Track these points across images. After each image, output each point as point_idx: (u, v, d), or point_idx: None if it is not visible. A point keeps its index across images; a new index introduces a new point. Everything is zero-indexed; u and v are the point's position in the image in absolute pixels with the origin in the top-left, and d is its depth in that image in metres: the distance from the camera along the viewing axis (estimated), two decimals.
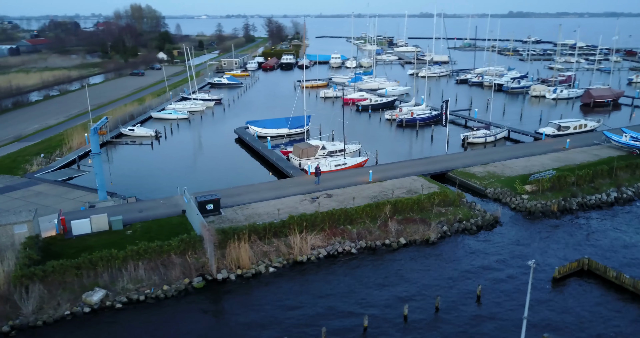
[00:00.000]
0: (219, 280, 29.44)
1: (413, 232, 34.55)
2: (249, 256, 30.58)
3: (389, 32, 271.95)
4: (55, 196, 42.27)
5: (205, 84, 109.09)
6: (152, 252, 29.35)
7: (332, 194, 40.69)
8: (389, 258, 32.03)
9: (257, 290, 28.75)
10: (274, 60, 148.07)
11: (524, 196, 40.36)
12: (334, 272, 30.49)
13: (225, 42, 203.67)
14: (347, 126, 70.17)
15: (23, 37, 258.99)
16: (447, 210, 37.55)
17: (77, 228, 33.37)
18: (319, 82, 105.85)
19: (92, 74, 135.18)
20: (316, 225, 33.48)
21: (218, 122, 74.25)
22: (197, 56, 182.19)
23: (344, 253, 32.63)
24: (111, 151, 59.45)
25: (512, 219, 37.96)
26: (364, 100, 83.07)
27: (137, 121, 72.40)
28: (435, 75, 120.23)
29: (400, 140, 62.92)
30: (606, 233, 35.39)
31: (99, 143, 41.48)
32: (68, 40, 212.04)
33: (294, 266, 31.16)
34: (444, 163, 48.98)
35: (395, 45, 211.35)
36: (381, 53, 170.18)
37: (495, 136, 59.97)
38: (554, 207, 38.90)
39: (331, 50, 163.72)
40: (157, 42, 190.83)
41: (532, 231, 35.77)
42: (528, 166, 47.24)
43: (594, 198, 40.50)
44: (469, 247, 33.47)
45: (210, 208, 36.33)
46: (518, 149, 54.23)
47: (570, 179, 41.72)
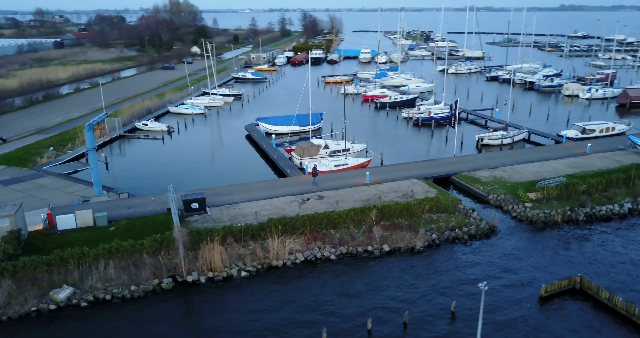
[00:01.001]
0: (189, 282, 29.02)
1: (399, 239, 33.02)
2: (222, 259, 30.02)
3: (431, 27, 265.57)
4: (55, 190, 43.17)
5: (230, 79, 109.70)
6: (124, 251, 29.25)
7: (324, 195, 39.60)
8: (368, 267, 30.68)
9: (224, 294, 28.13)
10: (303, 55, 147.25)
11: (527, 205, 37.93)
12: (307, 279, 29.47)
13: (259, 37, 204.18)
14: (361, 125, 68.92)
15: (71, 30, 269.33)
16: (439, 217, 35.73)
17: (62, 223, 33.78)
18: (343, 78, 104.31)
19: (125, 67, 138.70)
20: (296, 228, 32.55)
21: (233, 118, 74.26)
22: (230, 50, 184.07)
23: (322, 259, 31.53)
24: (123, 145, 60.46)
25: (510, 229, 35.73)
26: (383, 97, 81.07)
27: (154, 115, 73.47)
28: (465, 72, 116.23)
29: (412, 140, 60.84)
30: (610, 248, 32.64)
31: (111, 137, 41.91)
32: (109, 34, 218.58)
33: (268, 271, 30.35)
34: (450, 166, 46.86)
35: (432, 40, 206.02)
36: (414, 48, 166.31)
37: (513, 138, 56.98)
38: (557, 217, 36.34)
39: (366, 45, 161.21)
40: (192, 36, 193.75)
41: (529, 243, 33.49)
42: (539, 172, 44.49)
43: (604, 208, 37.57)
44: (456, 258, 31.65)
45: (195, 206, 36.03)
46: (533, 152, 51.27)
47: (580, 187, 38.90)
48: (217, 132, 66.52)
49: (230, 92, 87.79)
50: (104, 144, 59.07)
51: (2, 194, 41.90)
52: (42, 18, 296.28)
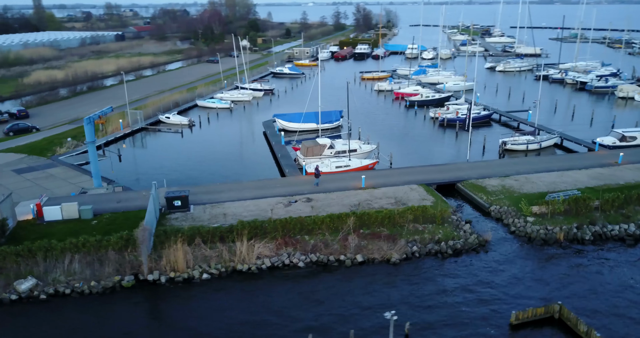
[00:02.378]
0: (150, 281, 28.89)
1: (375, 250, 31.20)
2: (186, 260, 29.64)
3: (496, 21, 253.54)
4: (62, 180, 44.74)
5: (267, 74, 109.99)
6: (90, 246, 29.53)
7: (312, 198, 38.29)
8: (333, 277, 29.13)
9: (180, 295, 27.71)
10: (347, 50, 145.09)
11: (529, 219, 34.69)
12: (265, 286, 28.36)
13: (310, 31, 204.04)
14: (383, 123, 66.51)
15: (136, 24, 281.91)
16: (425, 228, 33.43)
17: (49, 214, 34.78)
18: (381, 74, 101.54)
19: (174, 60, 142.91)
20: (268, 232, 31.56)
21: (258, 113, 74.08)
22: (280, 44, 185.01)
23: (289, 266, 30.34)
24: (144, 137, 61.91)
25: (504, 244, 32.80)
26: (415, 95, 77.93)
27: (182, 108, 74.85)
28: (513, 70, 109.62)
29: (432, 142, 57.75)
30: (611, 276, 28.96)
31: (132, 130, 42.85)
32: (168, 28, 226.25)
33: (231, 275, 29.61)
34: (458, 171, 43.97)
35: (489, 35, 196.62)
36: (466, 44, 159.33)
37: (540, 143, 52.68)
38: (559, 235, 32.93)
39: (420, 39, 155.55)
40: (245, 29, 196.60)
41: (519, 262, 30.54)
42: (556, 183, 40.70)
43: (617, 228, 33.61)
44: (429, 274, 29.36)
45: (177, 204, 35.93)
46: (557, 160, 47.07)
47: (592, 202, 35.07)
48: (236, 127, 66.59)
49: (261, 87, 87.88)
50: (125, 136, 60.77)
51: (13, 182, 43.97)
52: (110, 12, 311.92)
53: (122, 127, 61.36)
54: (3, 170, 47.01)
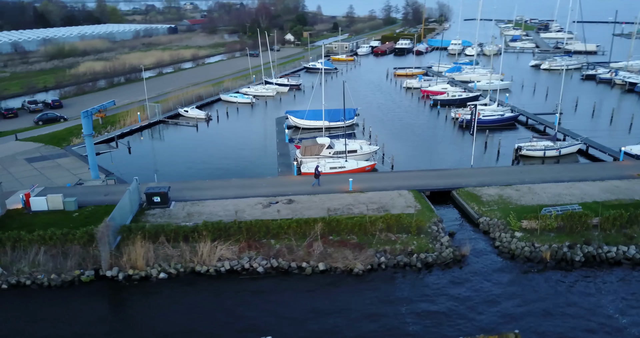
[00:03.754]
0: (108, 277, 29.20)
1: (339, 258, 29.88)
2: (147, 258, 29.69)
3: (560, 16, 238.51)
4: (66, 170, 46.38)
5: (300, 69, 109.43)
6: (57, 239, 30.20)
7: (294, 200, 37.37)
8: (287, 286, 28.05)
9: (132, 293, 27.80)
10: (388, 45, 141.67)
11: (517, 234, 32.05)
12: (215, 290, 27.79)
13: (357, 25, 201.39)
14: (400, 122, 64.11)
15: (193, 17, 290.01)
16: (398, 238, 31.64)
17: (35, 204, 36.01)
18: (414, 71, 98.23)
19: (217, 53, 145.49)
20: (232, 235, 31.01)
21: (279, 109, 73.58)
22: (326, 38, 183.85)
23: (248, 271, 29.66)
24: (161, 130, 63.13)
25: (483, 261, 30.45)
26: (441, 93, 74.71)
27: (205, 102, 75.82)
28: (559, 68, 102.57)
29: (444, 144, 54.79)
30: (591, 304, 26.10)
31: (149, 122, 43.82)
32: (220, 21, 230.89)
33: (188, 276, 29.34)
34: (457, 178, 41.47)
35: (546, 30, 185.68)
36: (517, 40, 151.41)
37: (560, 149, 48.78)
38: (546, 254, 30.12)
39: (472, 34, 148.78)
40: (291, 23, 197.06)
41: (491, 283, 28.18)
42: (561, 195, 37.42)
43: (615, 250, 30.32)
44: (387, 288, 27.57)
45: (157, 200, 36.15)
46: (569, 170, 43.29)
47: (590, 219, 31.84)
48: (251, 123, 66.42)
49: (288, 82, 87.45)
50: (142, 128, 62.26)
51: (21, 170, 46.06)
52: (169, 5, 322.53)
53: (139, 119, 62.95)
54: (17, 158, 49.43)
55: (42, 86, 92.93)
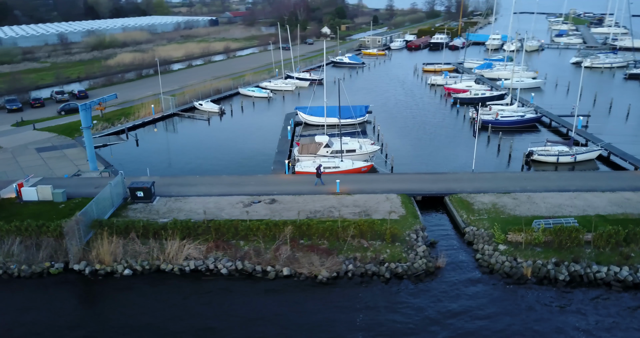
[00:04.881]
0: (76, 271, 29.53)
1: (306, 264, 28.90)
2: (114, 254, 29.78)
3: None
4: (69, 161, 47.52)
5: (328, 63, 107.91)
6: (32, 231, 30.79)
7: (277, 200, 36.61)
8: (243, 290, 27.25)
9: (93, 289, 27.95)
10: (422, 39, 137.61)
11: (501, 247, 29.94)
12: (174, 290, 27.41)
13: (397, 18, 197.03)
14: (414, 121, 61.84)
15: (237, 9, 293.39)
16: (371, 245, 30.24)
17: (26, 194, 37.00)
18: (443, 67, 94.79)
19: (251, 45, 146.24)
20: (200, 234, 30.61)
21: (296, 104, 72.84)
22: (364, 31, 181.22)
23: (212, 272, 29.18)
24: (173, 123, 63.79)
25: (459, 274, 28.61)
26: (464, 91, 71.60)
27: (223, 95, 76.13)
28: (602, 66, 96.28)
29: (453, 146, 52.22)
30: (560, 323, 23.94)
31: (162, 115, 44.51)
32: (261, 13, 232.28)
33: (152, 274, 29.18)
34: (454, 183, 39.35)
35: (598, 25, 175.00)
36: (563, 35, 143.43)
37: (575, 156, 45.45)
38: (527, 271, 27.94)
39: (519, 29, 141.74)
40: (330, 16, 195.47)
41: (463, 297, 26.38)
42: (562, 206, 34.72)
43: (606, 270, 27.70)
44: (348, 299, 26.26)
45: (140, 195, 36.31)
46: (579, 178, 40.14)
47: (581, 235, 29.26)
48: (263, 118, 65.88)
49: (309, 77, 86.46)
50: (155, 120, 63.14)
51: (28, 160, 47.62)
52: None
53: (153, 112, 63.88)
54: (28, 148, 51.22)
55: (76, 76, 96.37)
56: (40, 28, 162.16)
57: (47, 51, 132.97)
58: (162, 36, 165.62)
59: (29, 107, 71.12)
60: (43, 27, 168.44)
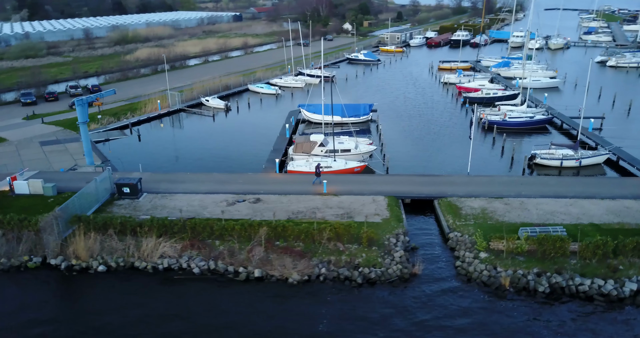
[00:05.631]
0: (52, 265, 29.83)
1: (279, 266, 28.43)
2: (91, 250, 29.93)
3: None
4: (68, 155, 48.21)
5: (343, 59, 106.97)
6: (14, 224, 31.25)
7: (262, 199, 36.23)
8: (210, 291, 26.97)
9: (67, 284, 28.19)
10: (443, 36, 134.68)
11: (482, 255, 28.78)
12: (144, 287, 27.40)
13: (421, 14, 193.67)
14: (420, 120, 60.50)
15: (264, 4, 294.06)
16: (347, 248, 29.51)
17: (18, 188, 37.64)
18: (460, 65, 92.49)
19: (270, 41, 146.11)
20: (177, 233, 30.48)
21: (303, 101, 72.30)
22: (386, 28, 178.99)
23: (184, 271, 29.04)
24: (178, 119, 64.10)
25: (434, 282, 27.60)
26: (476, 90, 69.62)
27: (232, 91, 76.19)
28: (627, 65, 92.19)
29: (455, 147, 50.67)
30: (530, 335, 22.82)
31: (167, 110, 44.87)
32: (285, 9, 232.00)
33: (126, 271, 29.20)
34: (447, 186, 38.15)
35: (634, 22, 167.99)
36: (592, 32, 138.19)
37: (580, 160, 43.49)
38: (505, 281, 26.75)
39: (549, 26, 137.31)
40: (353, 12, 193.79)
41: (433, 306, 25.42)
42: (555, 213, 33.20)
43: (589, 283, 26.24)
44: (312, 303, 25.68)
45: (126, 191, 36.49)
46: (579, 184, 38.33)
47: (567, 244, 27.82)
48: (268, 115, 65.51)
49: (321, 74, 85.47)
50: (160, 116, 63.59)
51: (30, 153, 48.55)
52: None
53: (160, 108, 64.39)
54: (32, 141, 52.29)
55: (94, 71, 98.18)
56: (67, 23, 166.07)
57: (71, 45, 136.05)
58: (185, 32, 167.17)
59: (44, 101, 72.79)
60: (71, 22, 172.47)
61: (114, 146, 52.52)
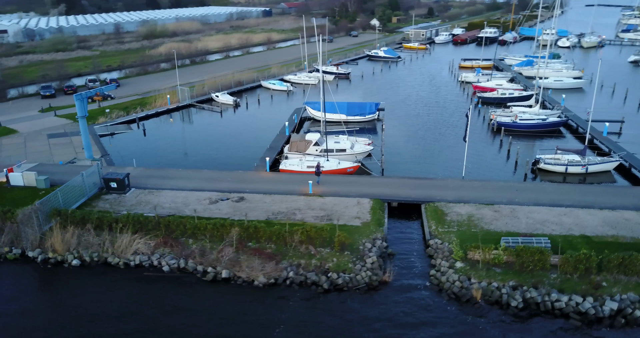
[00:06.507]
0: (30, 258, 30.38)
1: (246, 268, 28.02)
2: (68, 243, 30.31)
3: None
4: (71, 148, 49.20)
5: (362, 56, 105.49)
6: None
7: (246, 198, 35.89)
8: (175, 290, 26.83)
9: (41, 276, 28.67)
10: (470, 33, 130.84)
11: (458, 265, 27.54)
12: (111, 283, 27.51)
13: (452, 10, 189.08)
14: (427, 119, 58.81)
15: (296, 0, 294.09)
16: (318, 252, 28.78)
17: (13, 179, 38.61)
18: (482, 63, 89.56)
19: (296, 37, 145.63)
20: (151, 230, 30.49)
21: (315, 98, 71.64)
22: (416, 24, 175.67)
23: (154, 268, 29.01)
24: (187, 114, 64.58)
25: (403, 291, 26.52)
26: (492, 90, 67.20)
27: (245, 87, 76.25)
28: None
29: (457, 149, 48.66)
30: None
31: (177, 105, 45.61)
32: (315, 4, 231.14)
33: (99, 266, 29.43)
34: (437, 190, 36.79)
35: None
36: (631, 30, 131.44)
37: (587, 166, 41.18)
38: (476, 293, 25.47)
39: (587, 23, 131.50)
40: (382, 8, 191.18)
41: (397, 319, 24.42)
42: (546, 222, 31.48)
43: (565, 299, 24.64)
44: (273, 308, 25.16)
45: (114, 186, 36.84)
46: (579, 192, 36.16)
47: (547, 257, 26.24)
48: (276, 111, 65.07)
49: (336, 71, 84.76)
50: (169, 110, 64.21)
51: (36, 145, 49.80)
52: None
53: (169, 103, 65.03)
54: (41, 133, 53.69)
55: (117, 65, 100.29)
56: (100, 18, 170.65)
57: (101, 39, 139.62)
58: (212, 27, 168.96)
59: (63, 94, 74.78)
60: (104, 16, 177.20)
61: (120, 140, 53.32)
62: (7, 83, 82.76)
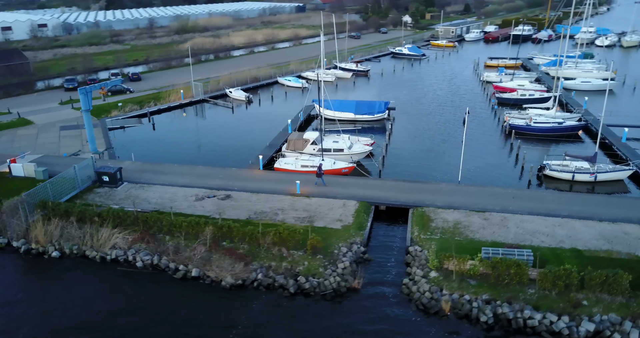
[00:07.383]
0: (14, 248, 31.14)
1: (216, 267, 27.75)
2: (50, 235, 30.90)
3: None
4: (81, 140, 50.40)
5: (387, 53, 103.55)
6: None
7: (232, 196, 35.67)
8: (142, 286, 26.88)
9: (21, 266, 29.35)
10: (502, 30, 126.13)
11: (432, 274, 26.36)
12: (83, 276, 27.84)
13: (489, 6, 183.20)
14: (439, 119, 56.93)
15: None
16: (290, 255, 28.16)
17: (15, 170, 39.83)
18: (508, 62, 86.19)
19: (325, 33, 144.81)
20: (129, 225, 30.68)
21: (331, 95, 70.76)
22: (450, 20, 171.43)
23: (128, 264, 29.15)
24: (199, 109, 65.07)
25: (371, 298, 25.59)
26: (512, 91, 64.47)
27: (262, 83, 76.20)
28: None
29: (459, 153, 46.90)
30: None
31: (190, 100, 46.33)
32: (348, 1, 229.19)
33: (76, 258, 29.84)
34: (427, 194, 35.46)
35: None
36: None
37: (596, 174, 38.75)
38: (445, 306, 24.25)
39: (592, 23, 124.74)
40: (416, 4, 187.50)
41: (357, 330, 23.59)
42: (536, 234, 29.78)
43: (540, 317, 23.08)
44: (230, 313, 24.67)
45: (106, 179, 37.37)
46: (580, 202, 33.93)
47: (524, 271, 24.68)
48: (286, 109, 64.33)
49: (355, 68, 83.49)
50: (182, 105, 64.86)
51: (47, 137, 51.25)
52: None
53: (182, 97, 65.71)
54: (55, 125, 55.22)
55: (143, 58, 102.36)
56: (136, 12, 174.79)
57: (134, 34, 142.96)
58: (244, 22, 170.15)
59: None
60: (141, 11, 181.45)
61: (128, 133, 54.26)
62: (37, 75, 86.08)
